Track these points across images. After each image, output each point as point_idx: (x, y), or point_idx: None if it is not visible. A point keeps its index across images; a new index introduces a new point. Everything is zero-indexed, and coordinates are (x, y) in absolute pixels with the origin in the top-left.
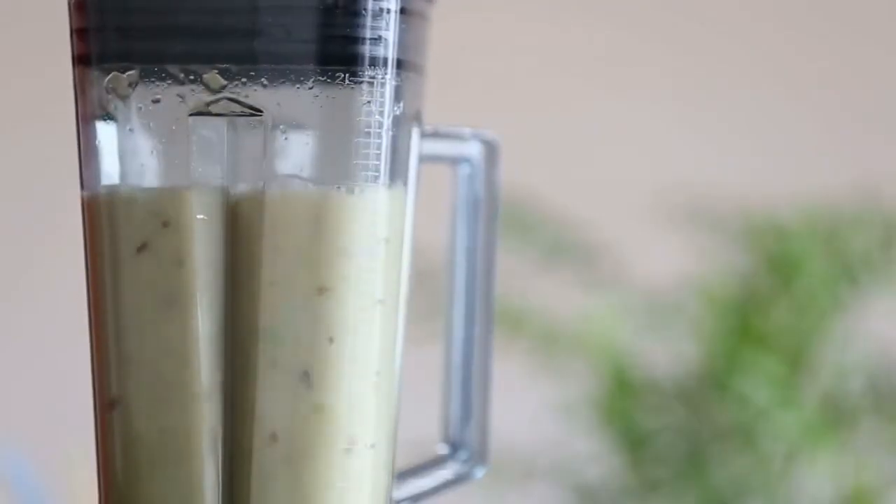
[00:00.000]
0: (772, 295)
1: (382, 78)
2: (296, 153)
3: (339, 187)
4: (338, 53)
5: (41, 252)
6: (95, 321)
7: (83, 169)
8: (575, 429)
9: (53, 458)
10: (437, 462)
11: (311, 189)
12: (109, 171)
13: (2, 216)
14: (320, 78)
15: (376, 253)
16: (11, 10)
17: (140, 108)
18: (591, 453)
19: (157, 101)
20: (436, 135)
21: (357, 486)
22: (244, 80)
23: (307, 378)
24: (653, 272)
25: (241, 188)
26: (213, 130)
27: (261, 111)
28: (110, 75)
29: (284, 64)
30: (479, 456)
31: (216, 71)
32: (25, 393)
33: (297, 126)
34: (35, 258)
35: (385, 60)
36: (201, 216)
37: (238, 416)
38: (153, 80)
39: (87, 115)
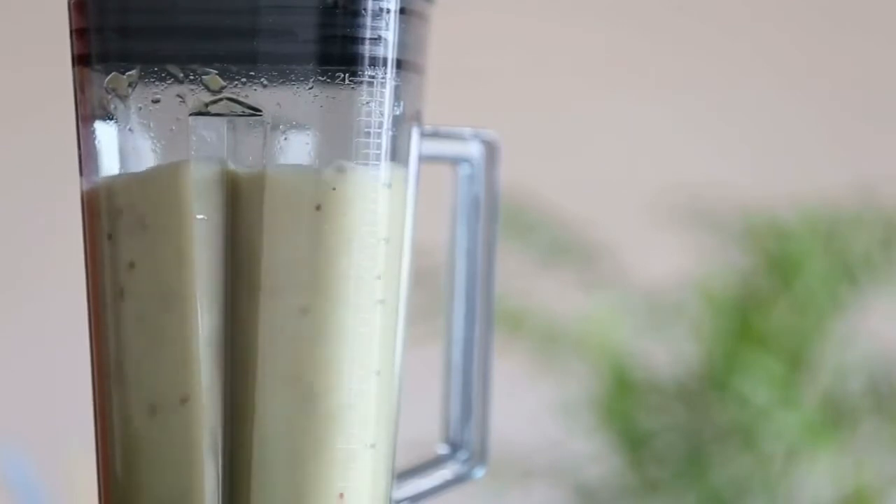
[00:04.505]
0: (772, 295)
1: (382, 78)
2: (295, 153)
3: (338, 188)
4: (338, 53)
5: (41, 252)
6: (95, 321)
7: (83, 169)
8: (575, 429)
9: (53, 458)
10: (437, 462)
11: (311, 190)
12: (109, 170)
13: (3, 215)
14: (320, 78)
15: (376, 253)
16: (12, 10)
17: (140, 108)
18: (591, 453)
19: (157, 101)
20: (436, 135)
21: (357, 485)
22: (244, 80)
23: (307, 378)
24: (653, 272)
25: (241, 187)
26: (212, 130)
27: (260, 111)
28: (110, 75)
29: (284, 64)
30: (479, 456)
31: (216, 72)
32: (25, 393)
33: (297, 126)
34: (35, 258)
35: (385, 60)
36: (201, 216)
37: (238, 416)
38: (153, 80)
39: (87, 115)
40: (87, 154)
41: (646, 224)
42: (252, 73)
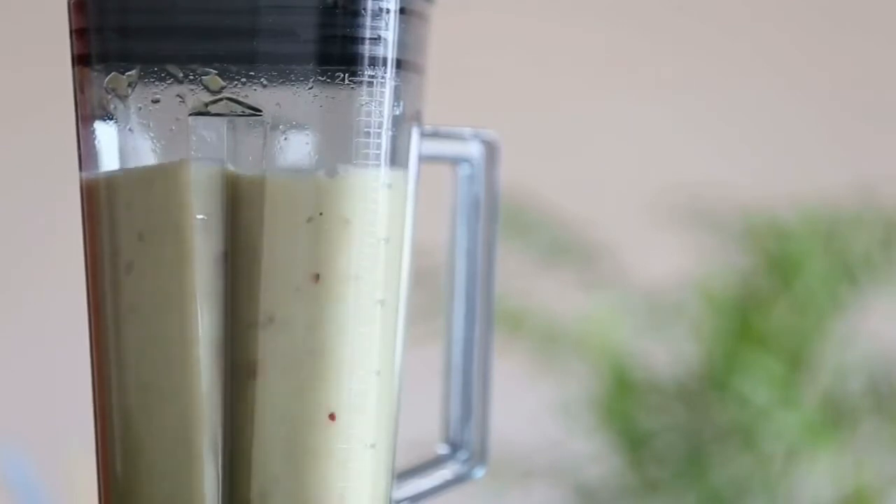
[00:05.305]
0: (772, 295)
1: (382, 78)
2: (295, 153)
3: (338, 184)
4: (337, 53)
5: (41, 252)
6: (95, 322)
7: (82, 168)
8: (575, 429)
9: (53, 458)
10: (437, 462)
11: (310, 189)
12: (109, 170)
13: (3, 215)
14: (320, 78)
15: (376, 253)
16: (12, 10)
17: (140, 108)
18: (591, 453)
19: (156, 101)
20: (436, 135)
21: (357, 486)
22: (244, 80)
23: (307, 378)
24: (653, 272)
25: (241, 187)
26: (212, 130)
27: (260, 111)
28: (110, 75)
29: (284, 64)
30: (479, 456)
31: (216, 72)
32: (25, 393)
33: (297, 126)
34: (35, 258)
35: (385, 60)
36: (201, 216)
37: (238, 416)
38: (153, 80)
39: (87, 115)
40: (86, 154)
41: (646, 224)
42: (252, 73)
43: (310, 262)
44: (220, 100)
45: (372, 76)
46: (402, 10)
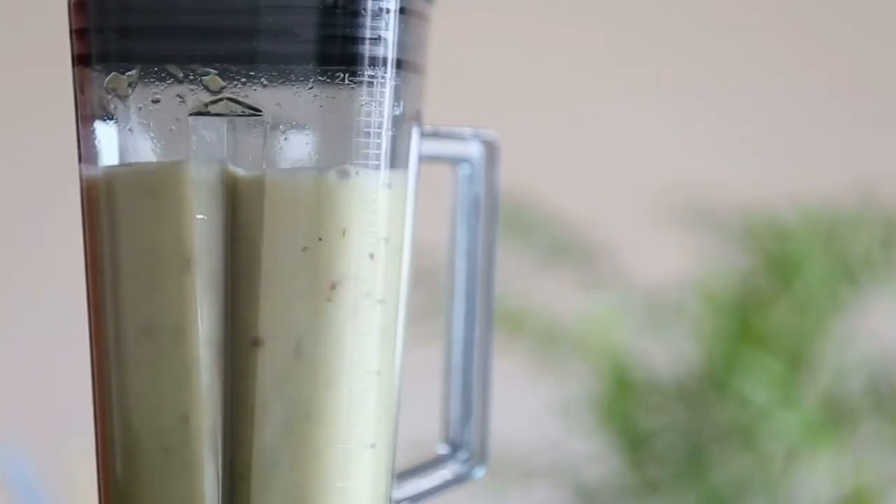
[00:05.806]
0: (772, 295)
1: (382, 78)
2: (295, 153)
3: (339, 185)
4: (337, 53)
5: (41, 252)
6: (95, 323)
7: (83, 168)
8: (575, 429)
9: (53, 458)
10: (437, 462)
11: (311, 188)
12: (109, 170)
13: (3, 215)
14: (320, 78)
15: (376, 253)
16: (12, 10)
17: (140, 108)
18: (591, 453)
19: (157, 101)
20: (436, 135)
21: (357, 486)
22: (244, 80)
23: (307, 378)
24: (653, 272)
25: (241, 187)
26: (212, 130)
27: (260, 111)
28: (110, 75)
29: (284, 64)
30: (479, 456)
31: (216, 72)
32: (25, 393)
33: (297, 126)
34: (35, 258)
35: (385, 60)
36: (201, 216)
37: (238, 416)
38: (153, 80)
39: (87, 115)
40: (87, 154)
41: (646, 224)
42: (252, 73)
43: (310, 261)
44: (220, 100)
45: (372, 76)
46: (402, 10)
